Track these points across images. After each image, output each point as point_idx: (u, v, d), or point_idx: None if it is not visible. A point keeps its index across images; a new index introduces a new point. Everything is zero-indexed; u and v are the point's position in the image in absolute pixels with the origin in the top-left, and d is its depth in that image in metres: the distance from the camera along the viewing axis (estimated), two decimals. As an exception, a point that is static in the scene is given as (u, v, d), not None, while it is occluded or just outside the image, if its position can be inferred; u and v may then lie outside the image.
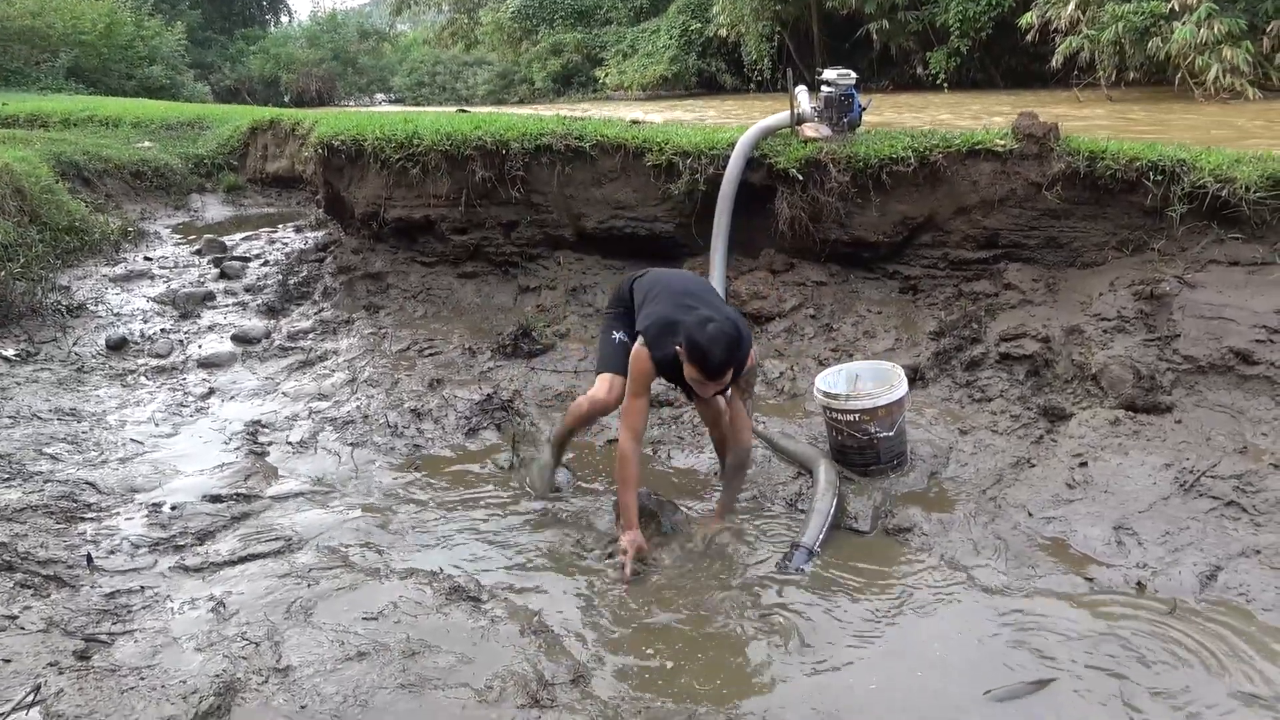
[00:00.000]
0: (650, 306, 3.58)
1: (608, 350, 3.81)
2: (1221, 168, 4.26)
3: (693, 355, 3.20)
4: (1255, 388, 3.87)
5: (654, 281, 3.74)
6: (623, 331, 3.76)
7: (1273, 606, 3.04)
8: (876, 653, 2.94)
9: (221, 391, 5.50)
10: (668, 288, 3.65)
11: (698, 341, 3.18)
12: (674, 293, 3.59)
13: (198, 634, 3.11)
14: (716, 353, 3.18)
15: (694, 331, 3.20)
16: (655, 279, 3.76)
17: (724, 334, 3.19)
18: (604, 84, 21.19)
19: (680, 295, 3.56)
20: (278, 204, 11.18)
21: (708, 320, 3.23)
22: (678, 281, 3.75)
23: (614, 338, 3.79)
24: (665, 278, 3.79)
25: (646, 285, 3.72)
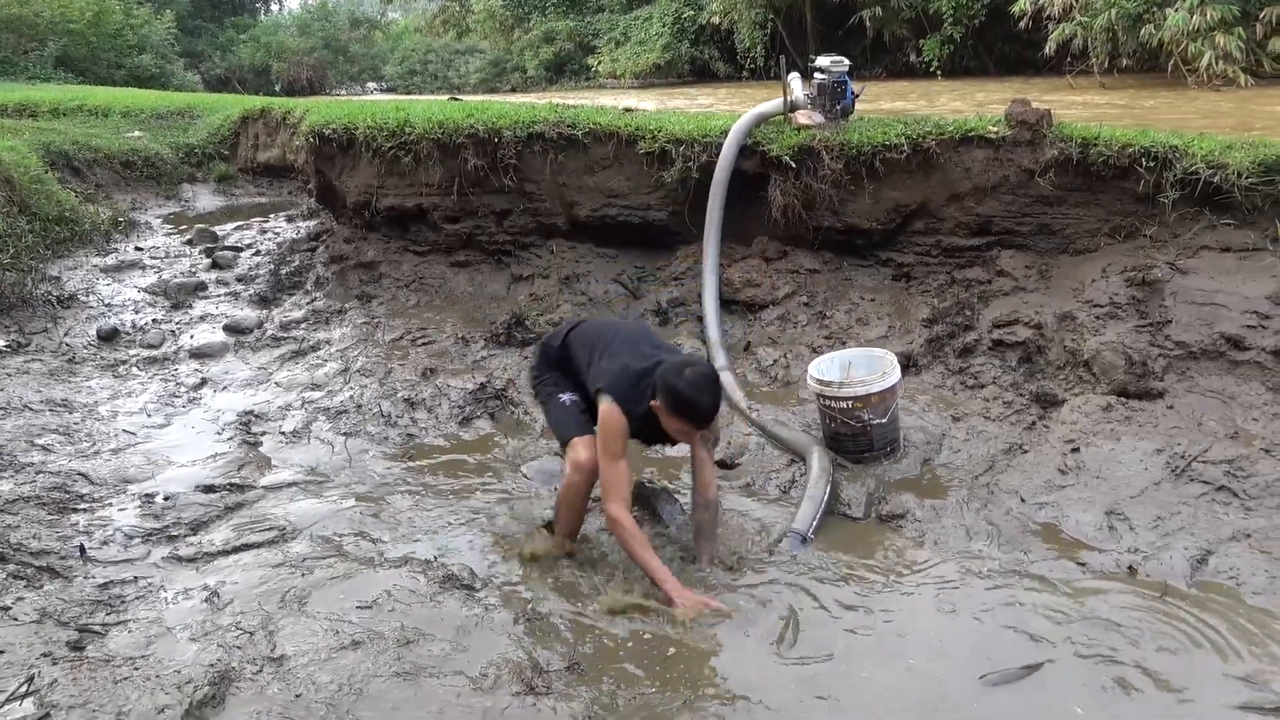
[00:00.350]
0: (604, 361, 3.31)
1: (563, 416, 3.45)
2: (1214, 154, 4.26)
3: (679, 406, 3.06)
4: (1246, 373, 3.88)
5: (595, 334, 3.48)
6: (568, 392, 3.46)
7: (1263, 590, 3.06)
8: (871, 640, 2.95)
9: (214, 382, 5.48)
10: (616, 338, 3.40)
11: (681, 391, 3.04)
12: (625, 342, 3.36)
13: (192, 624, 3.11)
14: (705, 399, 3.08)
15: (674, 380, 3.05)
16: (594, 330, 3.52)
17: (705, 376, 3.09)
18: (597, 72, 21.10)
19: (634, 344, 3.35)
20: (269, 193, 11.13)
21: (683, 366, 3.11)
22: (623, 330, 3.53)
23: (563, 401, 3.46)
24: (607, 328, 3.56)
25: (588, 338, 3.46)
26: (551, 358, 3.57)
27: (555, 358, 3.55)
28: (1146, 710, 2.58)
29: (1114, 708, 2.60)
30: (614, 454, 3.19)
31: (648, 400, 3.16)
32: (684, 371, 3.08)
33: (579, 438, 3.34)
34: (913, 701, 2.66)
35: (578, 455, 3.31)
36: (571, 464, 3.33)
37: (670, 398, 3.07)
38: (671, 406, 3.08)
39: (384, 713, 2.68)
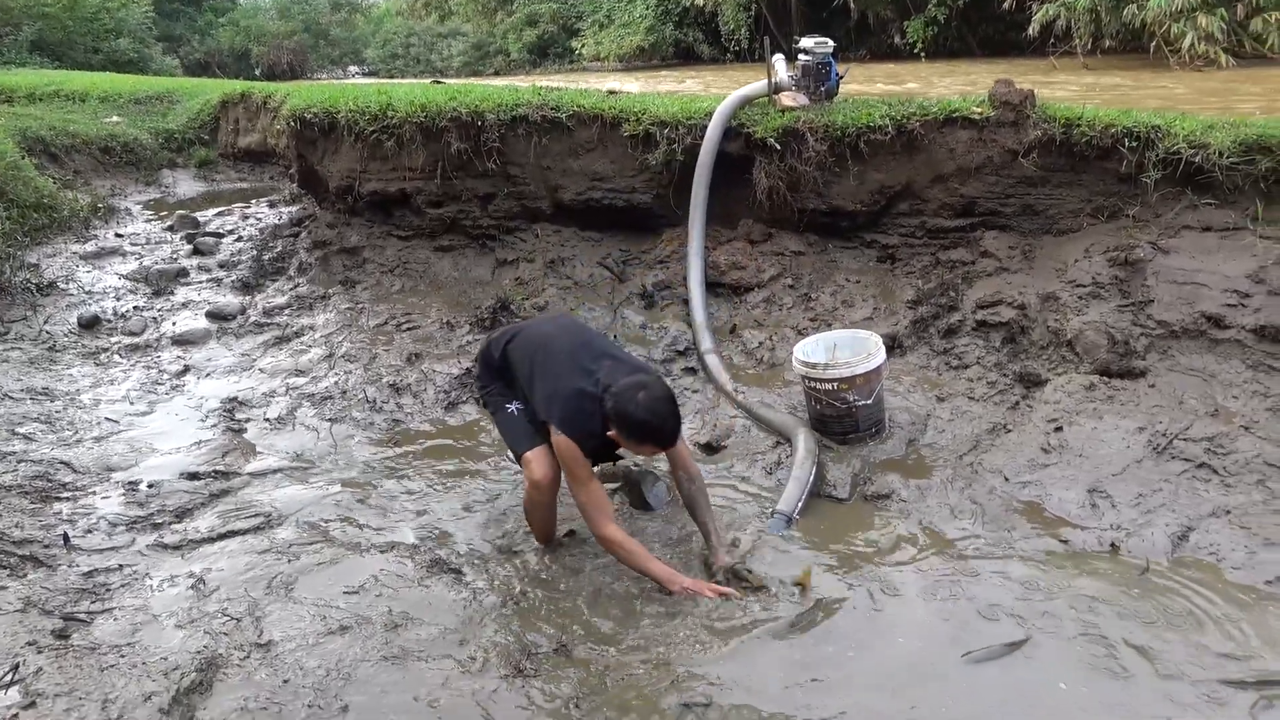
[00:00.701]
0: (545, 383, 3.18)
1: (513, 427, 3.37)
2: (1195, 134, 4.27)
3: (639, 433, 2.98)
4: (1227, 351, 3.91)
5: (531, 345, 3.34)
6: (514, 402, 3.38)
7: (1242, 565, 3.10)
8: (857, 619, 2.97)
9: (197, 369, 5.45)
10: (552, 351, 3.26)
11: (640, 420, 2.93)
12: (563, 355, 3.22)
13: (178, 611, 3.11)
14: (668, 423, 2.98)
15: (630, 410, 2.93)
16: (531, 341, 3.36)
17: (660, 399, 2.97)
18: (581, 55, 20.98)
19: (572, 356, 3.20)
20: (250, 179, 11.04)
21: (636, 389, 2.96)
22: (559, 338, 3.33)
23: (510, 411, 3.38)
24: (542, 338, 3.37)
25: (525, 351, 3.33)
26: (493, 367, 3.47)
27: (496, 367, 3.45)
28: (1129, 685, 2.62)
29: (1096, 683, 2.63)
30: (582, 480, 3.11)
31: (599, 423, 3.05)
32: (638, 397, 2.94)
33: (530, 451, 3.27)
34: (899, 679, 2.68)
35: (533, 472, 3.25)
36: (528, 480, 3.29)
37: (630, 427, 2.96)
38: (633, 435, 2.99)
39: (372, 696, 2.68)
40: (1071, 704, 2.56)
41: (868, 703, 2.59)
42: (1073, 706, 2.55)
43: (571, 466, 3.11)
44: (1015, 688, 2.63)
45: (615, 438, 3.06)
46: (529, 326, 3.56)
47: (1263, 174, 4.11)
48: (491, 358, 3.48)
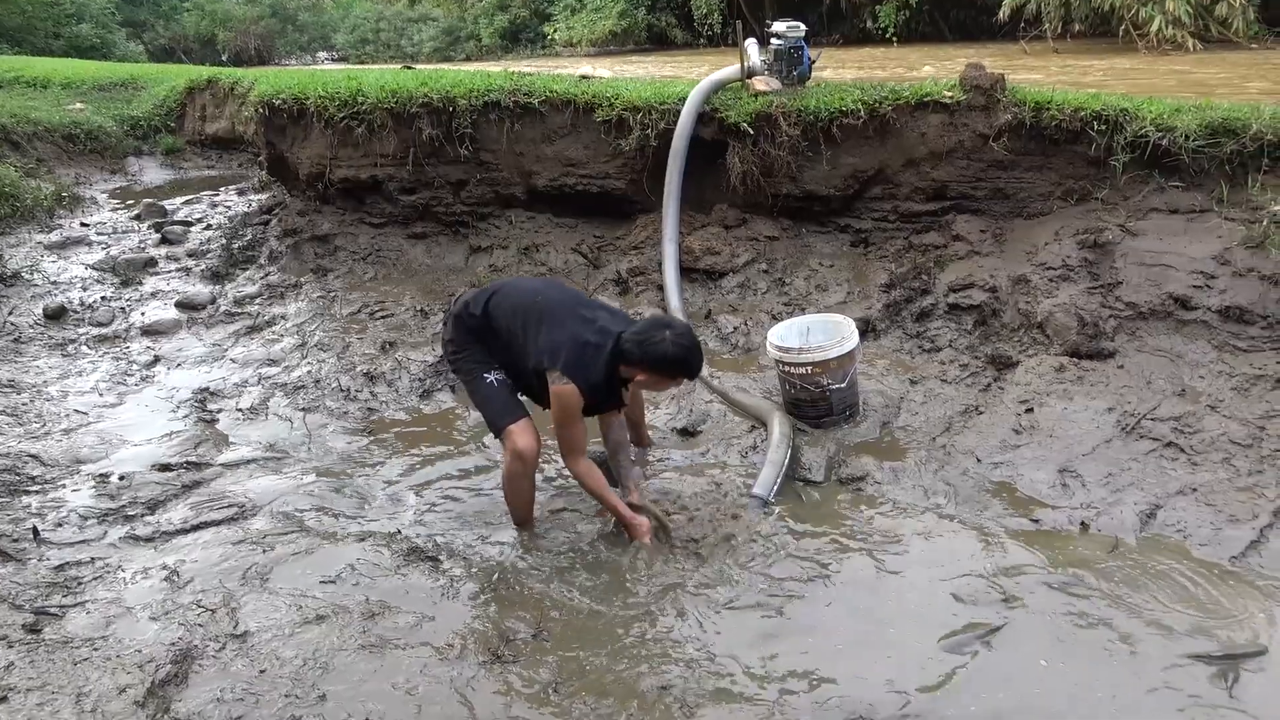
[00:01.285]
0: (545, 333, 3.17)
1: (493, 398, 3.33)
2: (1162, 117, 4.33)
3: (673, 368, 3.11)
4: (1193, 332, 3.98)
5: (523, 302, 3.30)
6: (493, 371, 3.33)
7: (1208, 541, 3.16)
8: (833, 601, 2.99)
9: (167, 359, 5.39)
10: (549, 305, 3.25)
11: (671, 355, 3.06)
12: (561, 308, 3.24)
13: (152, 603, 3.08)
14: (696, 356, 3.13)
15: (659, 347, 3.05)
16: (518, 296, 3.33)
17: (685, 333, 3.13)
18: (553, 40, 20.83)
19: (571, 309, 3.24)
20: (219, 166, 10.88)
21: (660, 328, 3.10)
22: (551, 295, 3.34)
23: (489, 380, 3.32)
24: (530, 292, 3.36)
25: (514, 307, 3.29)
26: (470, 327, 3.35)
27: (474, 327, 3.34)
28: (1102, 663, 2.65)
29: (1070, 661, 2.68)
30: (571, 423, 3.19)
31: (603, 371, 3.13)
32: (666, 335, 3.08)
33: (514, 424, 3.26)
34: (876, 661, 2.71)
35: (516, 444, 3.24)
36: (511, 453, 3.27)
37: (664, 364, 3.09)
38: (666, 370, 3.13)
39: (351, 685, 2.68)
40: (1046, 682, 2.59)
41: (844, 685, 2.61)
42: (1047, 684, 2.58)
43: (568, 410, 3.15)
44: (990, 666, 2.67)
45: (641, 380, 3.19)
46: (509, 284, 3.48)
47: (1227, 156, 4.18)
48: (470, 316, 3.34)
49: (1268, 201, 4.06)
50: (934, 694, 2.56)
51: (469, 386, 3.44)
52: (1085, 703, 2.50)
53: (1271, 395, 3.63)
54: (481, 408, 3.42)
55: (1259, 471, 3.36)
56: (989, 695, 2.54)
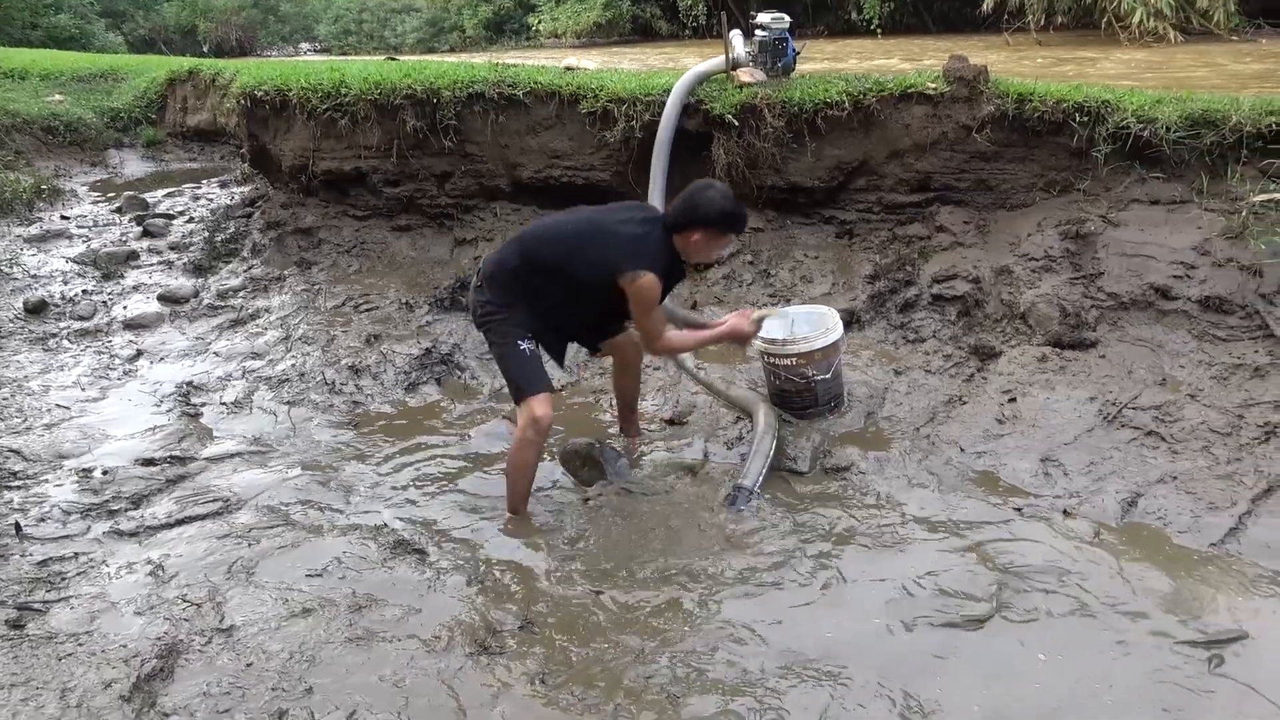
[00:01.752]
0: (598, 245, 3.29)
1: (523, 366, 3.34)
2: (1144, 108, 4.36)
3: (733, 221, 3.33)
4: (1174, 322, 4.01)
5: (553, 230, 3.45)
6: (525, 338, 3.35)
7: (1188, 529, 3.20)
8: (820, 590, 3.01)
9: (150, 353, 5.35)
10: (580, 225, 3.41)
11: (728, 209, 3.28)
12: (594, 223, 3.41)
13: (136, 598, 3.07)
14: (744, 210, 3.40)
15: (717, 204, 3.26)
16: (545, 231, 3.48)
17: (723, 186, 3.39)
18: (537, 31, 20.73)
19: (598, 215, 3.46)
20: (201, 158, 10.80)
21: (703, 189, 3.31)
22: (579, 212, 3.54)
23: (521, 349, 3.33)
24: (556, 222, 3.52)
25: (547, 240, 3.40)
26: (508, 285, 3.36)
27: (513, 283, 3.35)
28: (1093, 652, 2.68)
29: (1062, 652, 2.70)
30: (653, 311, 3.33)
31: (668, 251, 3.32)
32: (709, 194, 3.28)
33: (539, 395, 3.30)
34: (864, 652, 2.73)
35: (534, 410, 3.29)
36: (528, 419, 3.30)
37: (723, 219, 3.29)
38: (721, 224, 3.31)
39: (337, 678, 2.68)
40: (1042, 675, 2.62)
41: (832, 674, 2.63)
42: (1043, 677, 2.60)
43: (649, 301, 3.28)
44: (984, 659, 2.69)
45: (697, 243, 3.32)
46: (531, 229, 3.59)
47: (1207, 148, 4.21)
48: (505, 273, 3.37)
49: (1246, 192, 4.10)
50: (928, 688, 2.57)
51: (500, 350, 3.43)
52: (1082, 695, 2.52)
53: (1250, 384, 3.68)
54: (509, 373, 3.43)
55: (1238, 460, 3.40)
56: (986, 690, 2.55)
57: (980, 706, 2.49)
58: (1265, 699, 2.47)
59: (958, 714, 2.47)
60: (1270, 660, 2.60)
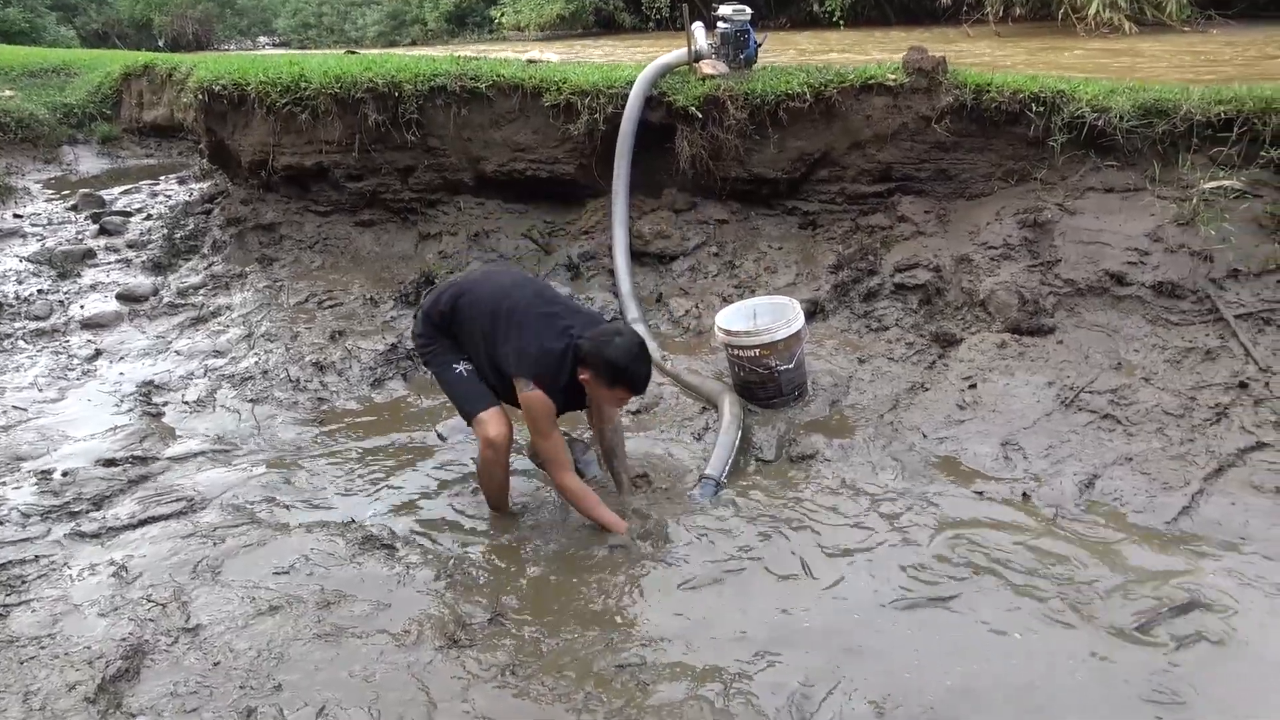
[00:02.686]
0: (512, 338, 3.14)
1: (463, 388, 3.33)
2: (1098, 98, 4.44)
3: (619, 378, 3.03)
4: (1128, 307, 4.10)
5: (488, 301, 3.25)
6: (460, 361, 3.32)
7: (1143, 508, 3.28)
8: (794, 584, 3.03)
9: (109, 352, 5.27)
10: (515, 306, 3.20)
11: (619, 364, 3.00)
12: (527, 310, 3.19)
13: (100, 600, 3.03)
14: (643, 369, 3.06)
15: (608, 353, 3.00)
16: (486, 297, 3.26)
17: (636, 344, 3.07)
18: (500, 24, 20.58)
19: (536, 310, 3.19)
20: (158, 154, 10.62)
21: (610, 335, 3.05)
22: (516, 293, 3.26)
23: (459, 371, 3.32)
24: (498, 293, 3.27)
25: (481, 308, 3.24)
26: (437, 325, 3.35)
27: (441, 325, 3.34)
28: (1048, 627, 2.75)
29: (1020, 628, 2.76)
30: (546, 432, 3.18)
31: (569, 374, 3.11)
32: (615, 342, 3.02)
33: (484, 411, 3.27)
34: (834, 633, 2.77)
35: (487, 431, 3.25)
36: (483, 441, 3.28)
37: (608, 370, 3.03)
38: (610, 379, 3.05)
39: (306, 674, 2.67)
40: (1001, 647, 2.68)
41: (802, 661, 2.67)
42: (1003, 650, 2.67)
43: (539, 419, 3.15)
44: (945, 635, 2.74)
45: (588, 382, 3.10)
46: (478, 283, 3.40)
47: (1159, 136, 4.30)
48: (437, 314, 3.34)
49: (1197, 180, 4.19)
50: (897, 668, 2.61)
51: (440, 378, 3.43)
52: (1048, 670, 2.57)
53: (1201, 367, 3.77)
54: (452, 398, 3.44)
55: (1190, 440, 3.49)
56: (955, 668, 2.60)
57: (950, 684, 2.54)
58: (1218, 666, 2.54)
59: (929, 693, 2.51)
60: (1219, 629, 2.68)
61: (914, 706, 2.47)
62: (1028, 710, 2.45)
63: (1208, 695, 2.46)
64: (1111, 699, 2.47)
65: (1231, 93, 4.26)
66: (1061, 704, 2.46)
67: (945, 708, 2.46)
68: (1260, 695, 2.47)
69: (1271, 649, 2.61)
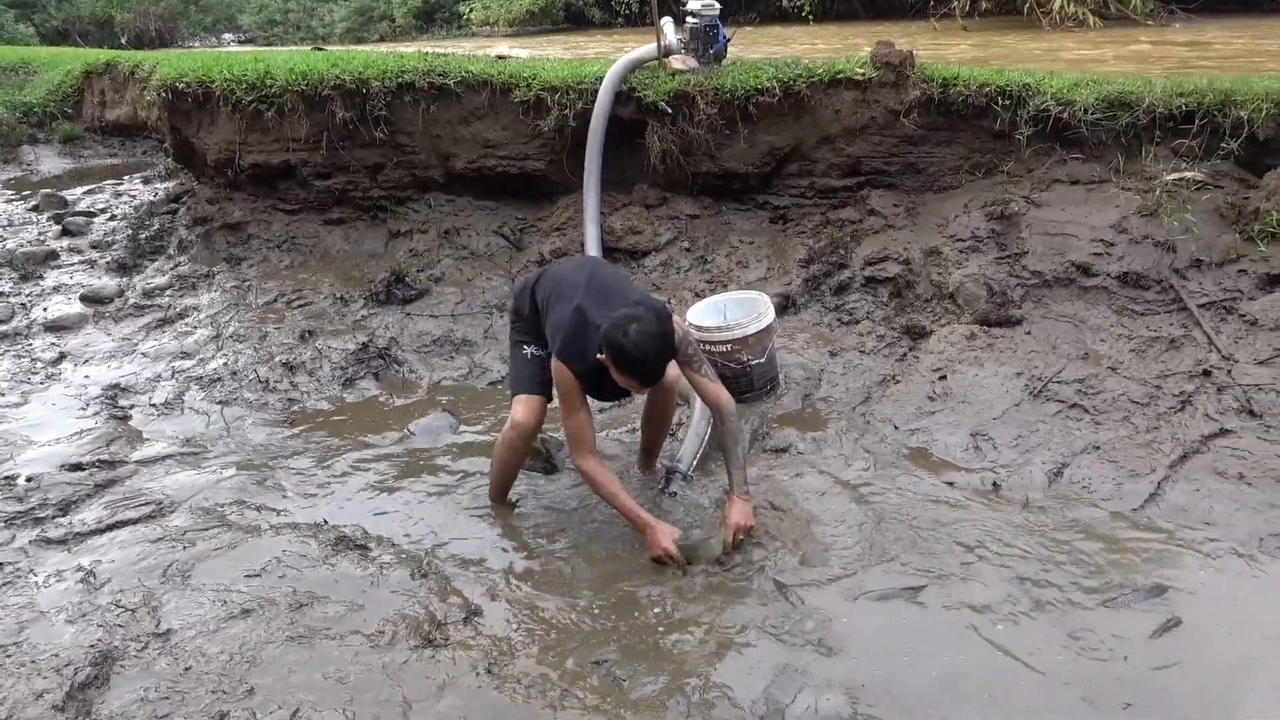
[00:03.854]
0: (555, 312, 3.18)
1: (521, 368, 3.42)
2: (1062, 91, 4.49)
3: (622, 363, 2.90)
4: (1094, 298, 4.16)
5: (553, 281, 3.33)
6: (533, 344, 3.38)
7: (1111, 496, 3.33)
8: (768, 577, 3.04)
9: (74, 355, 5.19)
10: (565, 285, 3.24)
11: (624, 348, 2.85)
12: (573, 290, 3.18)
13: (67, 606, 2.98)
14: (649, 358, 2.88)
15: (616, 337, 2.86)
16: (553, 278, 3.35)
17: (649, 333, 2.86)
18: (469, 20, 20.45)
19: (581, 291, 3.15)
20: (122, 154, 10.45)
21: (629, 321, 2.87)
22: (573, 275, 3.30)
23: (525, 353, 3.41)
24: (561, 273, 3.38)
25: (547, 287, 3.32)
26: (521, 310, 3.44)
27: (523, 310, 3.42)
28: (1017, 614, 2.78)
29: (995, 616, 2.79)
30: (571, 410, 3.12)
31: (595, 354, 2.98)
32: (630, 328, 2.86)
33: (524, 395, 3.34)
34: (809, 627, 2.79)
35: (516, 412, 3.34)
36: (510, 419, 3.37)
37: (614, 354, 2.90)
38: (615, 363, 2.92)
39: (279, 677, 2.64)
40: (970, 640, 2.70)
41: (774, 648, 2.69)
42: (972, 642, 2.69)
43: (565, 393, 3.12)
44: (915, 627, 2.77)
45: (605, 362, 2.96)
46: (553, 269, 3.54)
47: (1123, 128, 4.36)
48: (522, 297, 3.43)
49: (1160, 171, 4.26)
50: (873, 661, 2.63)
51: (510, 353, 3.56)
52: (1027, 658, 2.60)
53: (1166, 356, 3.83)
54: (510, 372, 3.61)
55: (1156, 428, 3.55)
56: (936, 659, 2.63)
57: (925, 676, 2.56)
58: (1185, 647, 2.59)
59: (904, 685, 2.53)
60: (1187, 613, 2.72)
61: (888, 699, 2.49)
62: (1000, 701, 2.48)
63: (1176, 679, 2.50)
64: (1081, 686, 2.51)
65: (1192, 85, 4.34)
66: (1032, 695, 2.49)
67: (919, 700, 2.48)
68: (1227, 677, 2.51)
69: (1237, 632, 2.66)
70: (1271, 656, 2.57)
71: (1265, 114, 4.12)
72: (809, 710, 2.45)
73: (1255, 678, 2.50)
